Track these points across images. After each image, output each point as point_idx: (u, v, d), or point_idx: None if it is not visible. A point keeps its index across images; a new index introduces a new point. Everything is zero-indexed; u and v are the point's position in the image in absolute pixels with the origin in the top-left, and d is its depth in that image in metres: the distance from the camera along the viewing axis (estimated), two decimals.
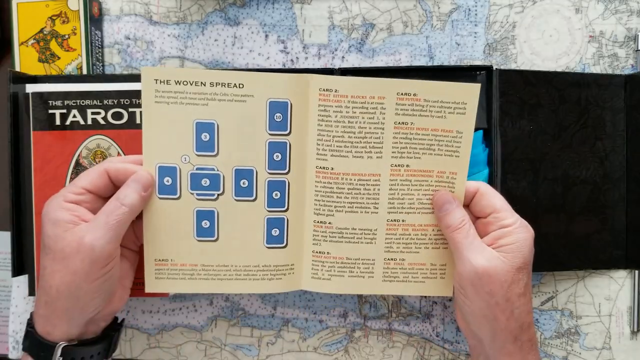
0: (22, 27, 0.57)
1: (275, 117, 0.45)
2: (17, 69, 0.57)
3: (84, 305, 0.41)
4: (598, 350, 0.57)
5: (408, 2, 0.58)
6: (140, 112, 0.50)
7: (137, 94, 0.51)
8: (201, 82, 0.44)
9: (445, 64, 0.57)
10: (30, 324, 0.43)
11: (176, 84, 0.44)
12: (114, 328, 0.47)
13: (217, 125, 0.45)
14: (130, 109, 0.51)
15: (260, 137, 0.45)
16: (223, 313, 0.58)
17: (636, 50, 0.57)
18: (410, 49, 0.58)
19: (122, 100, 0.51)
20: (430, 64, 0.57)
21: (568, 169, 0.54)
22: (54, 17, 0.56)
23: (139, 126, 0.51)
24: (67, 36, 0.56)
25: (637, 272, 0.56)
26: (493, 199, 0.45)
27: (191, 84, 0.44)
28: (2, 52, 0.61)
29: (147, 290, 0.47)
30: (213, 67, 0.58)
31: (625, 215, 0.56)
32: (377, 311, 0.58)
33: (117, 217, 0.41)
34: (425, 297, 0.57)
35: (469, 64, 0.57)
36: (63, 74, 0.57)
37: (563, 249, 0.54)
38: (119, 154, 0.51)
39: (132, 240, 0.46)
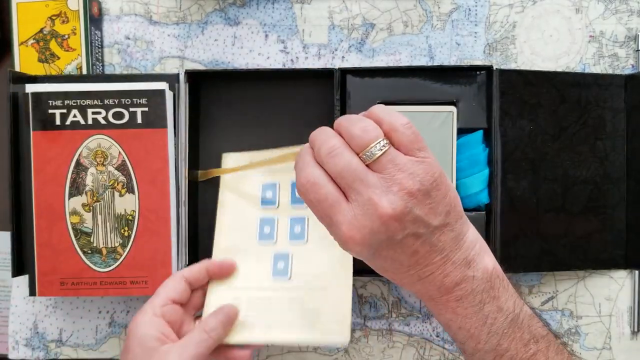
0: (21, 27, 0.57)
1: None
2: (17, 69, 0.57)
3: None
4: (598, 350, 0.57)
5: (408, 2, 0.58)
6: (142, 111, 0.51)
7: (137, 93, 0.51)
8: None
9: (446, 64, 0.57)
10: None
11: None
12: None
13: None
14: (131, 109, 0.51)
15: None
16: None
17: (636, 50, 0.57)
18: (410, 49, 0.58)
19: (122, 100, 0.51)
20: (430, 63, 0.57)
21: (568, 169, 0.54)
22: (54, 17, 0.56)
23: (140, 125, 0.51)
24: (66, 36, 0.56)
25: (637, 272, 0.56)
26: None
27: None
28: (2, 52, 0.61)
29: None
30: (213, 67, 0.58)
31: (625, 215, 0.56)
32: (377, 311, 0.58)
33: (204, 348, 0.44)
34: None
35: (469, 64, 0.57)
36: (63, 74, 0.56)
37: (563, 249, 0.54)
38: (119, 153, 0.51)
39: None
